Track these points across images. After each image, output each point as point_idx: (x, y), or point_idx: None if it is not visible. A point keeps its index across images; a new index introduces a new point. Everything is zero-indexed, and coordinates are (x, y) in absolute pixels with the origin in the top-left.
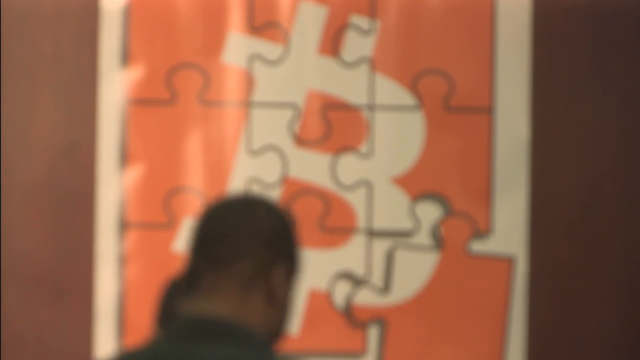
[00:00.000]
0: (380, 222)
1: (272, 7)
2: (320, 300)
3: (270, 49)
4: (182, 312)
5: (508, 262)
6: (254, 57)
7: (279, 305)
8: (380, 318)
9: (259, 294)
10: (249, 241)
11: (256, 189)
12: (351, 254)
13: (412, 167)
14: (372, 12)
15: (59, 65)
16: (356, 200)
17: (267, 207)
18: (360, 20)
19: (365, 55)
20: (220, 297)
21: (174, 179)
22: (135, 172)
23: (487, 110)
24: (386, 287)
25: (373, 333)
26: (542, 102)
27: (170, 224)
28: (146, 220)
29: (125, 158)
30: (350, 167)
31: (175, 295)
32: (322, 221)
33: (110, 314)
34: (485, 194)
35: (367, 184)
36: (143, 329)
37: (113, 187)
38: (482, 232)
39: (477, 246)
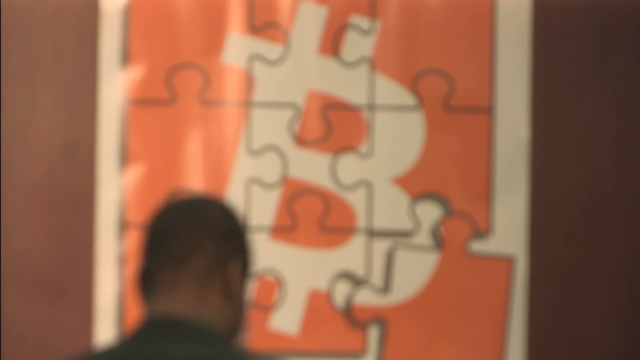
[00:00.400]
0: (380, 222)
1: (272, 7)
2: (320, 300)
3: (270, 49)
4: (143, 312)
5: (508, 262)
6: (254, 57)
7: (235, 301)
8: (380, 318)
9: (216, 290)
10: (201, 237)
11: (256, 189)
12: (351, 254)
13: (412, 167)
14: (372, 12)
15: (59, 65)
16: (356, 200)
17: (216, 205)
18: (360, 20)
19: (365, 55)
20: (178, 295)
21: (174, 179)
22: (135, 172)
23: (487, 110)
24: (386, 287)
25: (373, 333)
26: (542, 102)
27: None
28: (146, 220)
29: (125, 158)
30: (350, 167)
31: None
32: (322, 221)
33: (110, 314)
34: (485, 194)
35: (367, 184)
36: None
37: (113, 187)
38: (482, 232)
39: (477, 246)
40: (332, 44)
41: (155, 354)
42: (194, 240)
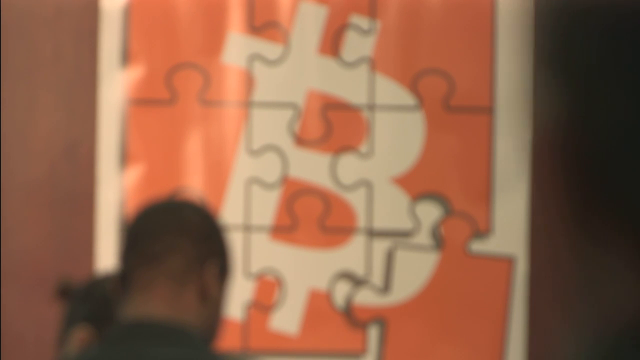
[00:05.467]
0: (380, 222)
1: (272, 7)
2: (320, 300)
3: (270, 49)
4: (118, 315)
5: (508, 262)
6: (254, 57)
7: (212, 304)
8: (380, 318)
9: (192, 291)
10: (178, 237)
11: (256, 189)
12: (351, 254)
13: (412, 167)
14: (372, 12)
15: (59, 65)
16: (356, 200)
17: (193, 208)
18: (360, 20)
19: (365, 55)
20: (154, 296)
21: (174, 179)
22: (135, 172)
23: (487, 110)
24: (386, 287)
25: (373, 333)
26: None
27: None
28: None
29: (125, 158)
30: (350, 167)
31: None
32: (322, 221)
33: None
34: (485, 194)
35: (367, 184)
36: None
37: (113, 187)
38: (482, 232)
39: (477, 246)
40: (332, 44)
41: (133, 358)
42: (171, 240)
